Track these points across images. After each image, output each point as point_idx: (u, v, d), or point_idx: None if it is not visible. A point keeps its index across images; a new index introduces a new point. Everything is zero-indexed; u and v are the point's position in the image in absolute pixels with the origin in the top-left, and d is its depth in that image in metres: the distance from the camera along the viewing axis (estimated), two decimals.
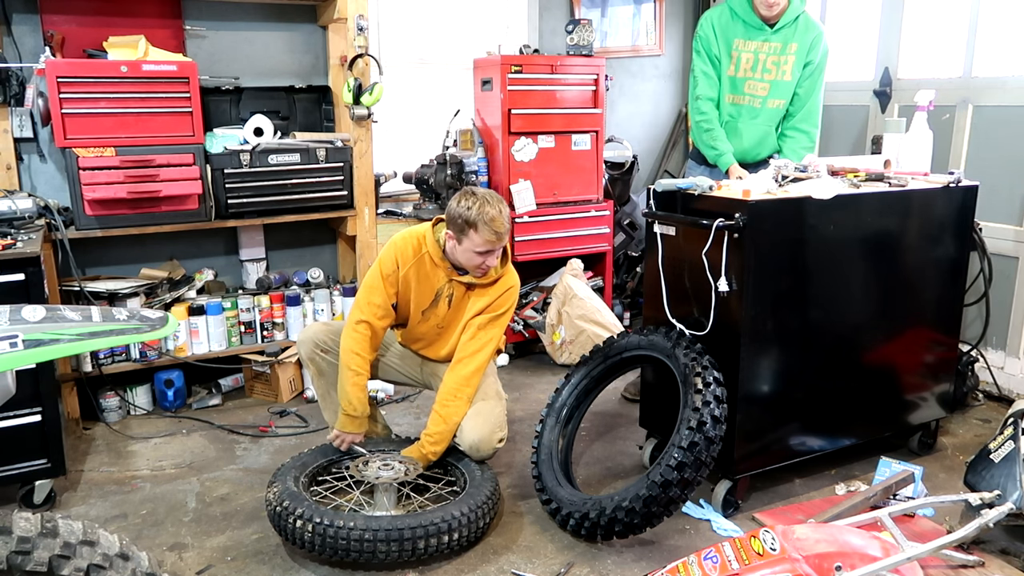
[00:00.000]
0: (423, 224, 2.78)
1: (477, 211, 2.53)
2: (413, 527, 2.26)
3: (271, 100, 3.77)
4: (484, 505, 2.43)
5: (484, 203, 2.55)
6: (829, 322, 2.70)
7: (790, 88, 3.46)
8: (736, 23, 3.46)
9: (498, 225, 2.54)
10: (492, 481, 2.57)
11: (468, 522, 2.36)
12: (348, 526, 2.24)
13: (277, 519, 2.35)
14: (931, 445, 3.12)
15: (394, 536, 2.24)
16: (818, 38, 3.43)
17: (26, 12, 3.34)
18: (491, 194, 2.61)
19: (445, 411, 2.65)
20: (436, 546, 2.30)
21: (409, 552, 2.26)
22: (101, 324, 1.48)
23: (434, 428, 2.65)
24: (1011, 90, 3.51)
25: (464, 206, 2.55)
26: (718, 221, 2.44)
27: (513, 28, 4.69)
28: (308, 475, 2.60)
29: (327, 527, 2.24)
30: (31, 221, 2.96)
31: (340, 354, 2.72)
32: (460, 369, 2.69)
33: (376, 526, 2.25)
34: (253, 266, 3.96)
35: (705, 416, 2.34)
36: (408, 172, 4.13)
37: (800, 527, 2.00)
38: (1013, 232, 3.53)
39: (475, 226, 2.53)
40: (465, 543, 2.39)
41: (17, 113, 3.33)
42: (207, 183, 3.38)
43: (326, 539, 2.24)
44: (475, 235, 2.55)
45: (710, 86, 3.52)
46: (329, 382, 2.84)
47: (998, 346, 3.64)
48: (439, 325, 2.81)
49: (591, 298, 4.07)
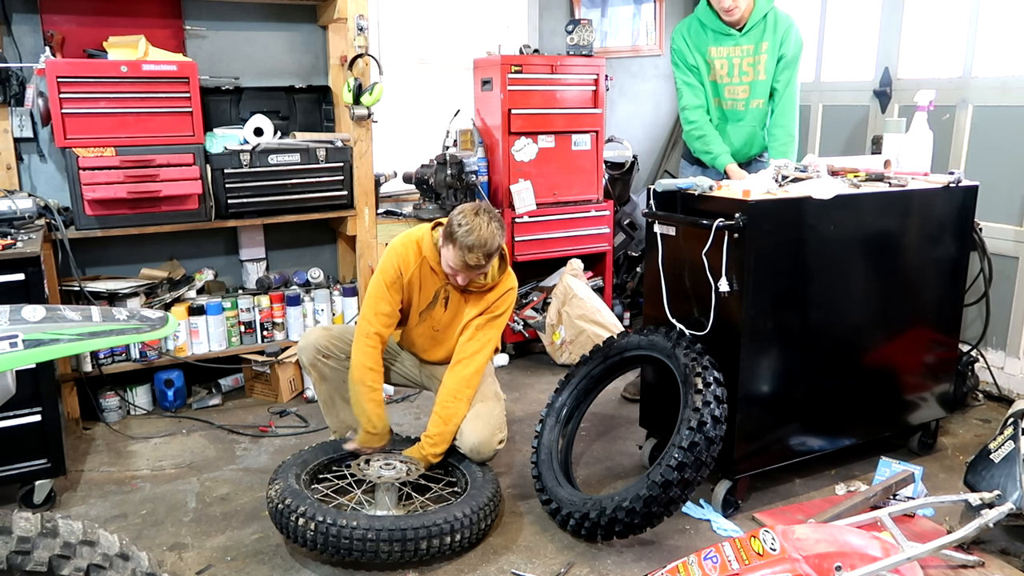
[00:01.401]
0: (421, 226, 2.77)
1: (464, 232, 2.49)
2: (416, 527, 2.26)
3: (271, 100, 3.77)
4: (486, 507, 2.43)
5: (475, 229, 2.48)
6: (829, 322, 2.70)
7: (768, 86, 3.46)
8: (705, 32, 3.47)
9: (470, 257, 2.50)
10: (494, 483, 2.57)
11: (470, 523, 2.36)
12: (351, 525, 2.24)
13: (279, 517, 2.35)
14: (931, 445, 3.12)
15: (397, 536, 2.24)
16: (788, 30, 3.40)
17: (26, 12, 3.34)
18: (490, 224, 2.52)
19: (445, 412, 2.64)
20: (438, 547, 2.30)
21: (411, 552, 2.26)
22: (101, 324, 1.48)
23: (434, 430, 2.64)
24: (1011, 90, 3.51)
25: (458, 220, 2.51)
26: (718, 221, 2.44)
27: (513, 28, 4.69)
28: (309, 473, 2.60)
29: (330, 526, 2.24)
30: (31, 221, 2.96)
31: (352, 369, 2.68)
32: (460, 370, 2.69)
33: (379, 526, 2.25)
34: (253, 266, 3.96)
35: (705, 416, 2.34)
36: (408, 172, 4.13)
37: (800, 527, 2.00)
38: (1013, 232, 3.54)
39: (455, 244, 2.51)
40: (467, 544, 2.39)
41: (17, 113, 3.33)
42: (207, 183, 3.38)
43: (328, 538, 2.24)
44: (451, 251, 2.53)
45: (694, 95, 3.55)
46: (332, 387, 2.82)
47: (998, 346, 3.64)
48: (435, 327, 2.80)
49: (591, 298, 4.07)
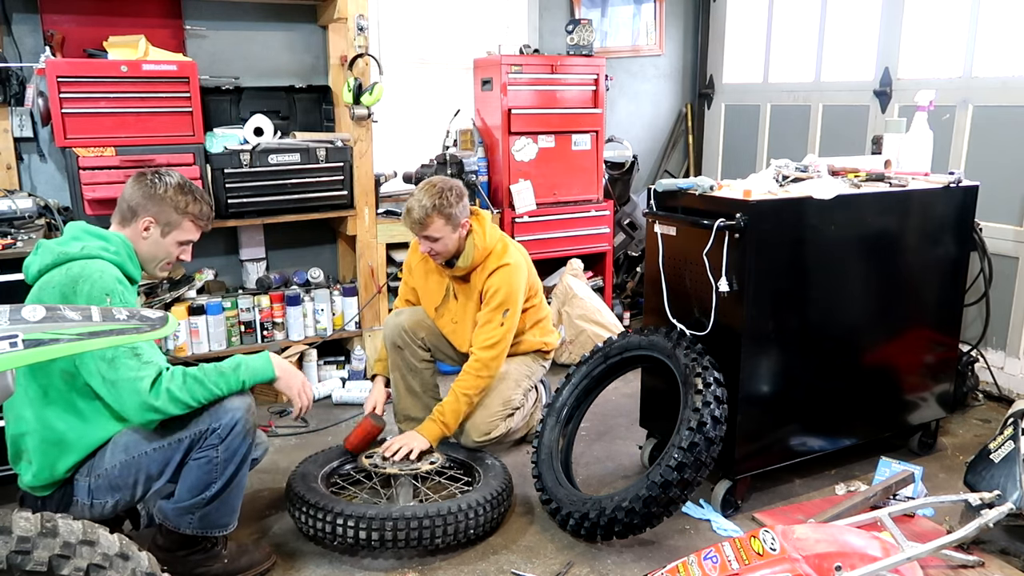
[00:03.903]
0: None
1: (409, 198, 2.73)
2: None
3: (271, 100, 3.77)
4: (501, 494, 2.49)
5: (415, 194, 2.72)
6: (830, 322, 2.70)
7: None
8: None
9: (410, 217, 2.70)
10: (504, 471, 2.65)
11: (486, 511, 2.40)
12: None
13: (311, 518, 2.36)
14: (931, 445, 3.12)
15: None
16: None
17: (26, 12, 3.34)
18: (431, 190, 2.70)
19: (439, 411, 2.74)
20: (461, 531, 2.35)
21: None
22: (101, 324, 1.48)
23: (424, 422, 2.75)
24: (1011, 90, 3.51)
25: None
26: (719, 221, 2.44)
27: (513, 28, 4.69)
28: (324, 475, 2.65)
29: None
30: (31, 221, 2.97)
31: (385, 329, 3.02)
32: (467, 366, 2.79)
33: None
34: (253, 266, 3.96)
35: (705, 416, 2.34)
36: (408, 172, 4.13)
37: (800, 527, 2.00)
38: (1013, 232, 3.53)
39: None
40: (482, 532, 2.43)
41: (17, 113, 3.33)
42: (207, 183, 3.38)
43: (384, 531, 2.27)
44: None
45: None
46: (399, 375, 3.03)
47: (998, 346, 3.64)
48: (453, 320, 2.93)
49: (591, 298, 4.07)
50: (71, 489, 2.07)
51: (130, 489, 2.07)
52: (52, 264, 2.01)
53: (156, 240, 2.15)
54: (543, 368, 3.15)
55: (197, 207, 2.19)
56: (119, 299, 1.95)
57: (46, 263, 2.02)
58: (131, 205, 2.13)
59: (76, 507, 2.06)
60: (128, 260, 2.11)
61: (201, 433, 2.04)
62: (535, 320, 3.06)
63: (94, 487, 2.05)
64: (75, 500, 2.06)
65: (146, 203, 2.12)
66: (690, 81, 5.32)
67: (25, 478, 2.06)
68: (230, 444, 2.06)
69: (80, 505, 2.06)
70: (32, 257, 2.06)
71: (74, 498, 2.06)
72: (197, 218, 2.20)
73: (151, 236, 2.15)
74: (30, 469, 2.04)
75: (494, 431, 2.85)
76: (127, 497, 2.08)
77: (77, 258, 2.01)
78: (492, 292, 2.79)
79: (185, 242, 2.21)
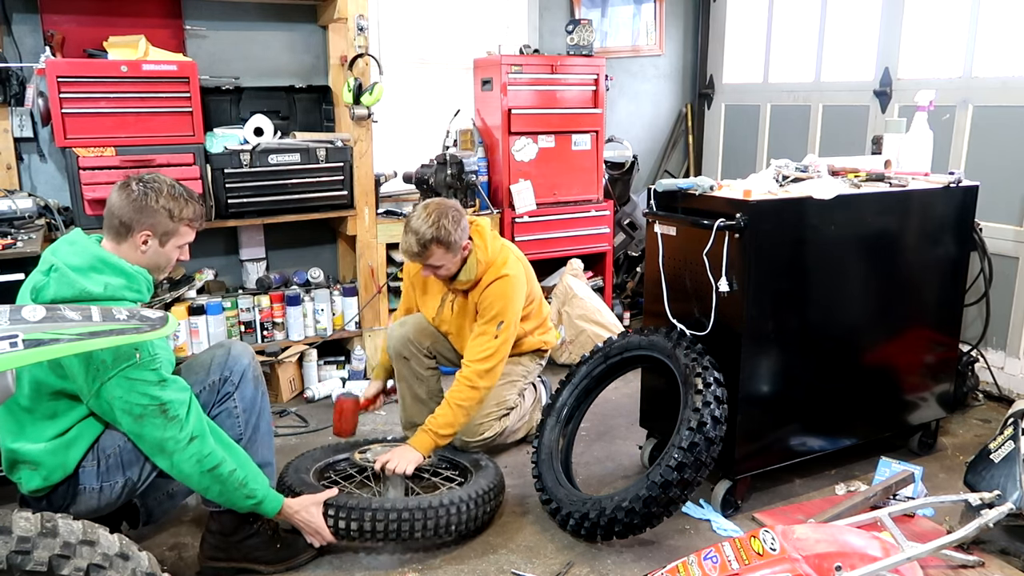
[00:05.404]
0: None
1: (406, 224, 2.65)
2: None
3: (271, 100, 3.77)
4: (488, 492, 2.48)
5: (415, 217, 2.63)
6: (830, 322, 2.70)
7: None
8: None
9: (404, 240, 2.64)
10: (496, 468, 2.65)
11: (468, 508, 2.40)
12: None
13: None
14: (931, 445, 3.12)
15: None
16: None
17: (26, 12, 3.33)
18: (433, 215, 2.61)
19: (432, 419, 2.66)
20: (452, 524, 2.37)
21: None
22: (101, 324, 1.49)
23: (419, 430, 2.68)
24: (1011, 90, 3.51)
25: (416, 210, 2.67)
26: (719, 221, 2.44)
27: (513, 28, 4.69)
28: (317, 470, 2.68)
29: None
30: (31, 221, 2.96)
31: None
32: (461, 375, 2.72)
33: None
34: (253, 266, 3.96)
35: (705, 416, 2.34)
36: (408, 172, 4.13)
37: (800, 527, 2.00)
38: (1013, 232, 3.53)
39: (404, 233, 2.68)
40: (465, 530, 2.43)
41: (17, 113, 3.33)
42: (207, 183, 3.38)
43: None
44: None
45: None
46: (405, 384, 3.01)
47: (998, 346, 3.64)
48: (448, 331, 2.93)
49: (591, 298, 4.07)
50: (75, 480, 2.04)
51: (141, 461, 2.05)
52: (71, 299, 1.90)
53: (156, 251, 2.10)
54: (539, 366, 3.15)
55: (190, 210, 2.14)
56: (148, 353, 1.92)
57: (63, 296, 1.91)
58: (123, 220, 2.04)
59: (84, 495, 2.03)
60: (147, 293, 2.07)
61: (212, 385, 2.11)
62: (535, 324, 3.06)
63: (103, 469, 2.03)
64: (82, 488, 2.03)
65: (139, 216, 2.04)
66: (690, 81, 5.33)
67: (31, 484, 2.01)
68: (243, 393, 2.13)
69: (88, 491, 2.03)
70: (42, 278, 1.94)
71: (80, 487, 2.03)
72: (192, 221, 2.16)
73: (150, 248, 2.09)
74: (37, 475, 1.99)
75: (488, 431, 2.86)
76: (138, 473, 2.06)
77: (100, 299, 1.92)
78: (487, 305, 2.76)
79: (183, 244, 2.19)
